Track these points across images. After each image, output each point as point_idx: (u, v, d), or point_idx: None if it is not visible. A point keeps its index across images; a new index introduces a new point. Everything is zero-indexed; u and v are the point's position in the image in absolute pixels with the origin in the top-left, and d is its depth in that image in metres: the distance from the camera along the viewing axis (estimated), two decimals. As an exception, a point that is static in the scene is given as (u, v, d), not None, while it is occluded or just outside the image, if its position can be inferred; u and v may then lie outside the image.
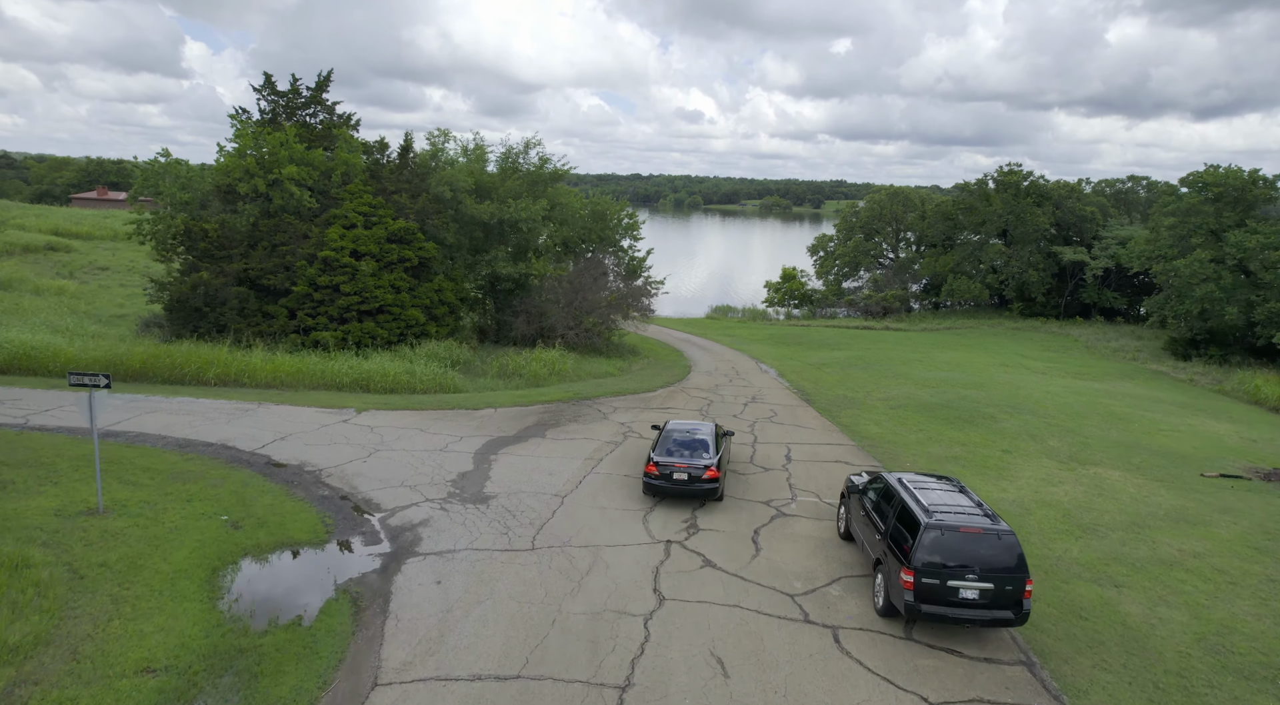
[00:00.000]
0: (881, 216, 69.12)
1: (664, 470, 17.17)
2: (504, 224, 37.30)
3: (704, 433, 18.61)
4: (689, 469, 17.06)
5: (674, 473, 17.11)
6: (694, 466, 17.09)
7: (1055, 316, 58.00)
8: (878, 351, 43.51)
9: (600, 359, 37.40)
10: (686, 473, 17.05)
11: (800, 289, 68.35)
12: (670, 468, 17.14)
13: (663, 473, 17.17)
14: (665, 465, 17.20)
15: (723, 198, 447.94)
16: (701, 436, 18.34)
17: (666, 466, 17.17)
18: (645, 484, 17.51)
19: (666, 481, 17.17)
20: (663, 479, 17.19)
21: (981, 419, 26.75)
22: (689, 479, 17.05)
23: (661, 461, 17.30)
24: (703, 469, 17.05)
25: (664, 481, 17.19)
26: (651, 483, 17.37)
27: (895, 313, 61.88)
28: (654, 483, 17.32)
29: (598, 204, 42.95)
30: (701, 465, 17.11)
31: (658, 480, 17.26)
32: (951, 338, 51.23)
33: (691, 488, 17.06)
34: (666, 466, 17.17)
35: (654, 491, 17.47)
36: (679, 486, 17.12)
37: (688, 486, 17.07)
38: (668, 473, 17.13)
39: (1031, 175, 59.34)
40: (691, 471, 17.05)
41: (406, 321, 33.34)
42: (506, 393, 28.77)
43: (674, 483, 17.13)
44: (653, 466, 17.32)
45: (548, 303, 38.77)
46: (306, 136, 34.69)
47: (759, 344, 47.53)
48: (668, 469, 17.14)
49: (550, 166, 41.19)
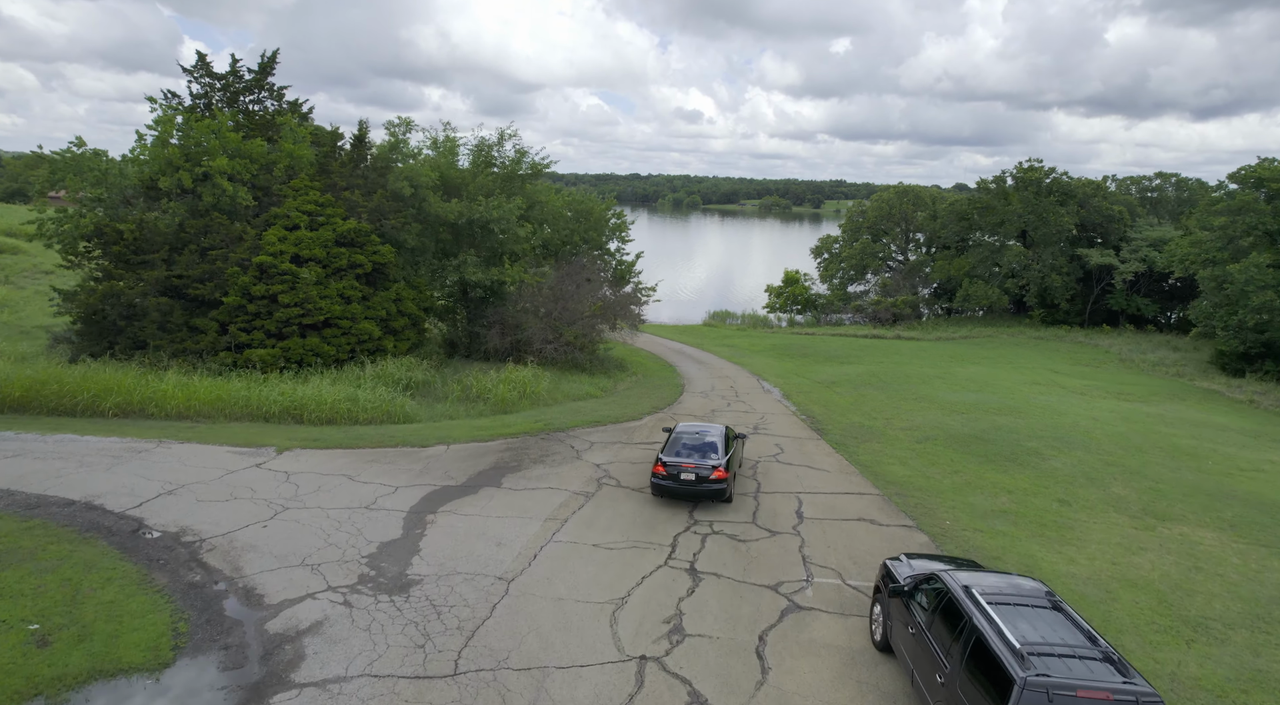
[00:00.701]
0: (890, 216, 64.96)
1: (672, 470, 17.07)
2: (474, 224, 33.13)
3: (713, 435, 18.39)
4: (697, 469, 16.96)
5: (681, 473, 17.01)
6: (702, 467, 16.99)
7: (1079, 324, 53.86)
8: (892, 366, 39.36)
9: (581, 377, 33.24)
10: (694, 473, 16.94)
11: (803, 294, 64.21)
12: (678, 468, 17.04)
13: (670, 472, 17.07)
14: (673, 465, 17.10)
15: (722, 198, 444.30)
16: (711, 439, 18.13)
17: (674, 466, 17.08)
18: (653, 485, 17.36)
19: (674, 481, 17.06)
20: (670, 479, 17.09)
21: (1025, 456, 22.60)
22: (696, 479, 16.93)
23: (670, 461, 17.19)
24: (710, 469, 16.95)
25: (671, 482, 17.08)
26: (659, 483, 17.25)
27: (906, 320, 57.76)
28: (662, 483, 17.21)
29: (581, 202, 38.76)
30: (709, 465, 17.01)
31: (665, 480, 17.14)
32: (970, 349, 47.07)
33: (699, 488, 16.95)
34: (674, 466, 17.08)
35: (661, 492, 17.35)
36: (686, 487, 17.02)
37: (695, 487, 16.96)
38: (675, 472, 17.04)
39: (1054, 172, 55.19)
40: (699, 471, 16.94)
41: (358, 336, 29.16)
42: (465, 423, 24.59)
43: (681, 483, 17.02)
44: (660, 467, 17.20)
45: (524, 313, 34.62)
46: (248, 125, 30.49)
47: (760, 356, 43.38)
48: (675, 469, 17.05)
49: (528, 160, 37.02)
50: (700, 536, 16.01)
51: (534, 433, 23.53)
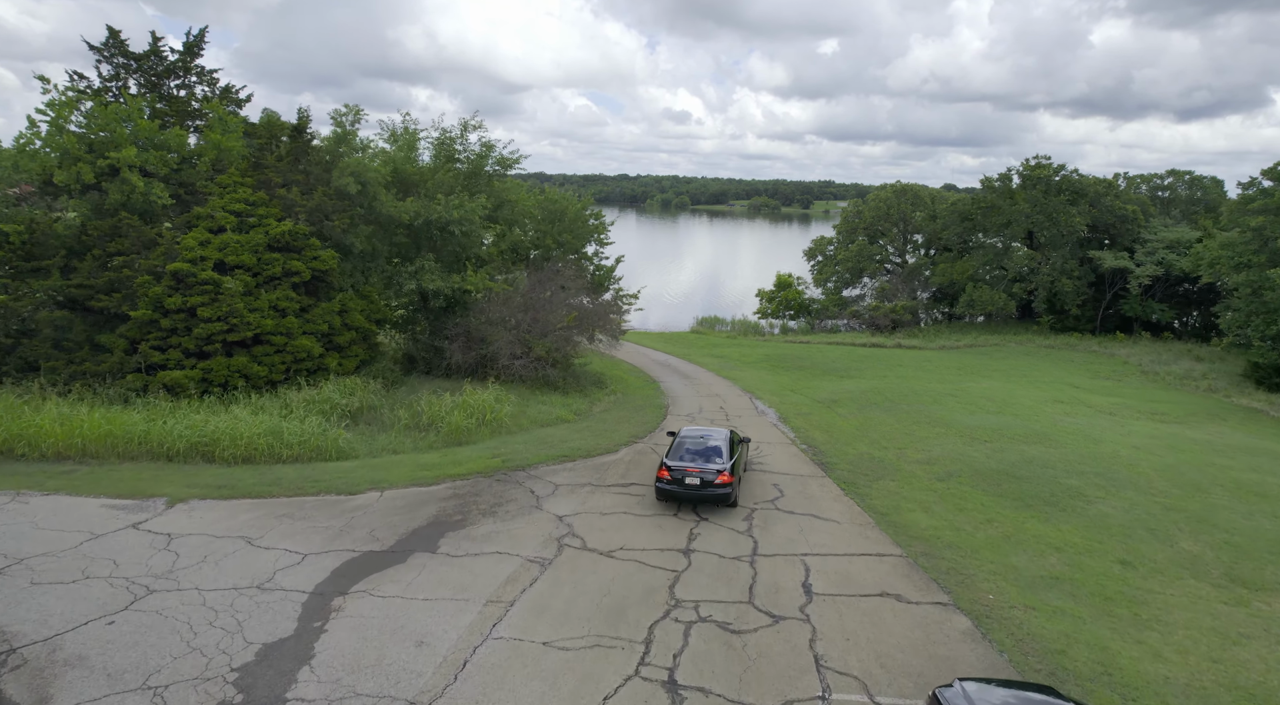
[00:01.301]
0: (887, 216, 61.64)
1: (676, 475, 17.02)
2: (431, 226, 29.48)
3: (718, 439, 18.40)
4: (701, 473, 16.93)
5: (686, 477, 16.95)
6: (706, 471, 16.96)
7: (1091, 331, 50.67)
8: (897, 380, 35.96)
9: (553, 397, 29.64)
10: (699, 477, 16.92)
11: (797, 298, 60.81)
12: (683, 472, 16.98)
13: (675, 477, 17.02)
14: (678, 469, 17.04)
15: (710, 198, 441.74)
16: (715, 443, 18.13)
17: (679, 471, 17.01)
18: (657, 489, 17.32)
19: (679, 486, 17.01)
20: (675, 483, 17.03)
21: (1066, 498, 19.19)
22: (701, 483, 16.91)
23: (674, 466, 17.15)
24: (715, 473, 16.92)
25: (676, 486, 17.03)
26: (664, 488, 17.16)
27: (906, 326, 54.45)
28: (666, 488, 17.12)
29: (554, 201, 35.16)
30: (714, 470, 16.98)
31: (670, 485, 17.08)
32: (978, 359, 43.76)
33: (704, 492, 16.93)
34: (679, 471, 17.01)
35: (666, 497, 17.31)
36: (691, 491, 16.97)
37: (700, 491, 16.95)
38: (680, 477, 16.99)
39: (1063, 169, 51.94)
40: (704, 476, 16.91)
41: (294, 354, 25.46)
42: (409, 459, 20.95)
43: (686, 487, 16.97)
44: (665, 471, 17.16)
45: (489, 324, 31.00)
46: (169, 113, 26.73)
47: (752, 368, 39.90)
48: (680, 473, 16.99)
49: (496, 155, 33.39)
50: (683, 626, 12.48)
51: (489, 472, 19.92)
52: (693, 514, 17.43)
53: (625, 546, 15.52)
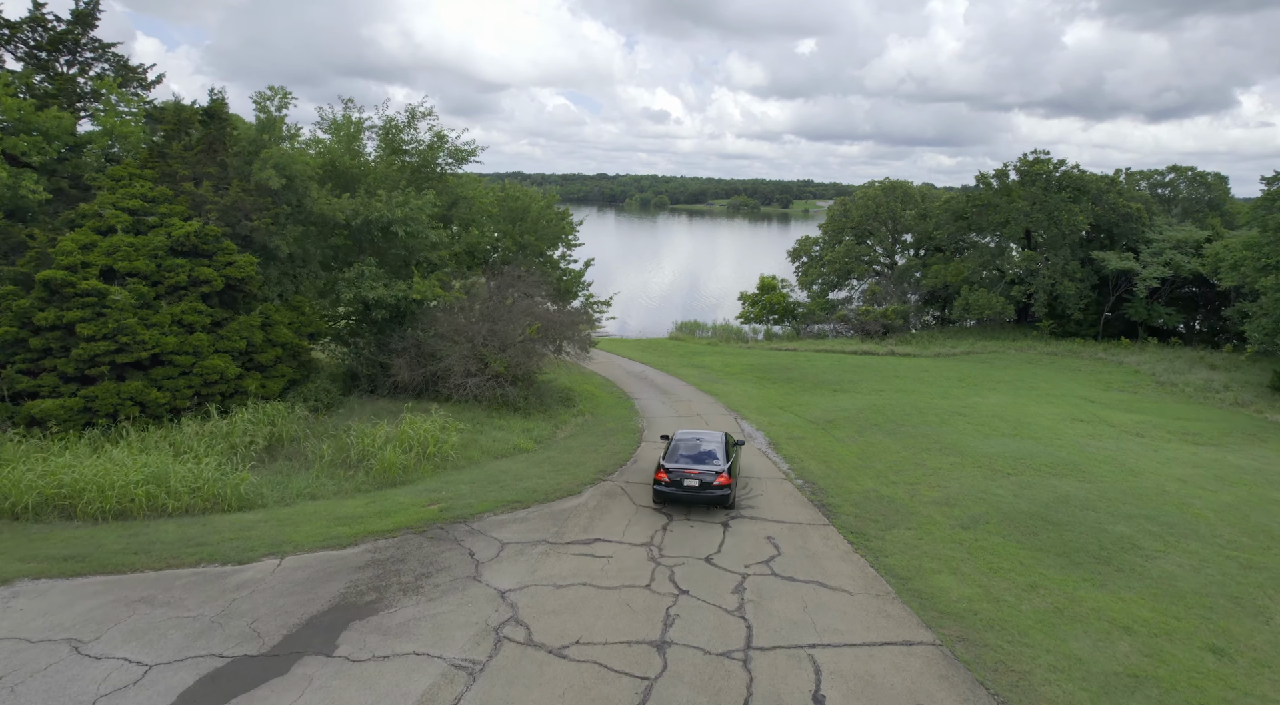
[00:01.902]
0: (876, 214, 58.52)
1: (674, 476, 16.94)
2: (372, 226, 25.76)
3: (714, 442, 18.47)
4: (700, 475, 16.89)
5: (685, 479, 16.90)
6: (705, 473, 16.93)
7: (1094, 337, 47.80)
8: (896, 395, 32.71)
9: (512, 420, 26.05)
10: (698, 479, 16.87)
11: (782, 302, 57.53)
12: (681, 474, 16.93)
13: (673, 479, 16.94)
14: (676, 472, 16.98)
15: (689, 197, 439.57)
16: (711, 446, 18.18)
17: (677, 473, 16.96)
18: (655, 492, 17.19)
19: (677, 488, 16.93)
20: (673, 485, 16.95)
21: (1119, 551, 15.94)
22: (700, 485, 16.86)
23: (672, 468, 17.08)
24: (714, 474, 16.93)
25: (674, 488, 16.94)
26: (662, 490, 17.06)
27: (898, 331, 51.34)
28: (665, 490, 17.03)
29: (516, 198, 31.51)
30: (713, 471, 16.99)
31: (668, 487, 16.99)
32: (979, 368, 40.65)
33: (702, 494, 16.86)
34: (677, 473, 16.96)
35: (664, 499, 17.20)
36: (690, 493, 16.90)
37: (699, 493, 16.88)
38: (678, 479, 16.93)
39: (1063, 164, 49.08)
40: (703, 478, 16.87)
41: (205, 376, 21.66)
42: (326, 509, 17.27)
43: (685, 489, 16.90)
44: (663, 473, 17.06)
45: (440, 338, 27.34)
46: (55, 92, 22.78)
47: (736, 381, 36.51)
48: (678, 475, 16.94)
49: (449, 146, 29.68)
50: (655, 781, 8.98)
51: (421, 526, 16.31)
52: (670, 584, 13.95)
53: (583, 638, 12.02)
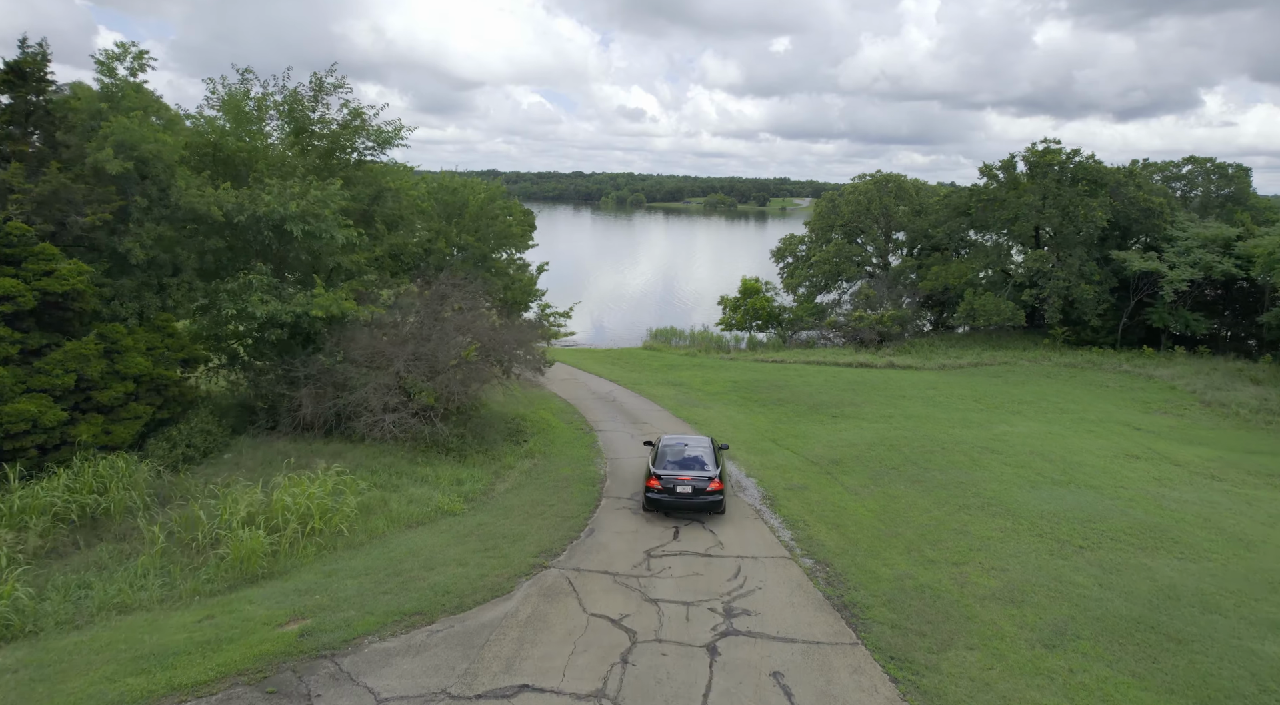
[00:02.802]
0: (868, 211, 53.71)
1: (667, 484, 16.72)
2: (261, 224, 20.34)
3: (701, 447, 18.25)
4: (693, 481, 16.70)
5: (678, 485, 16.69)
6: (699, 479, 16.75)
7: (1111, 345, 43.30)
8: (907, 421, 27.78)
9: (441, 467, 20.76)
10: (691, 485, 16.68)
11: (766, 307, 52.57)
12: (674, 480, 16.71)
13: (666, 486, 16.72)
14: (669, 478, 16.74)
15: (666, 195, 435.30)
16: (699, 452, 17.94)
17: (670, 480, 16.73)
18: (648, 499, 17.00)
19: (670, 495, 16.71)
20: (666, 493, 16.72)
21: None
22: (694, 491, 16.66)
23: (665, 475, 16.82)
24: (707, 480, 16.76)
25: (667, 495, 16.71)
26: (655, 498, 16.81)
27: (894, 339, 46.54)
28: (657, 497, 16.79)
29: (451, 189, 26.17)
30: (706, 477, 16.81)
31: (661, 494, 16.75)
32: (991, 383, 35.90)
33: (696, 500, 16.64)
34: (670, 480, 16.73)
35: (658, 507, 16.92)
36: (683, 500, 16.67)
37: (693, 499, 16.65)
38: (671, 486, 16.70)
39: (1077, 154, 44.50)
40: (696, 484, 16.69)
41: (7, 426, 16.16)
42: (126, 637, 11.88)
43: (678, 496, 16.68)
44: (655, 480, 16.80)
45: (352, 363, 22.00)
46: None
47: (718, 403, 31.44)
48: (671, 482, 16.71)
49: (371, 126, 24.25)
50: None
51: (264, 667, 11.00)
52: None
53: None
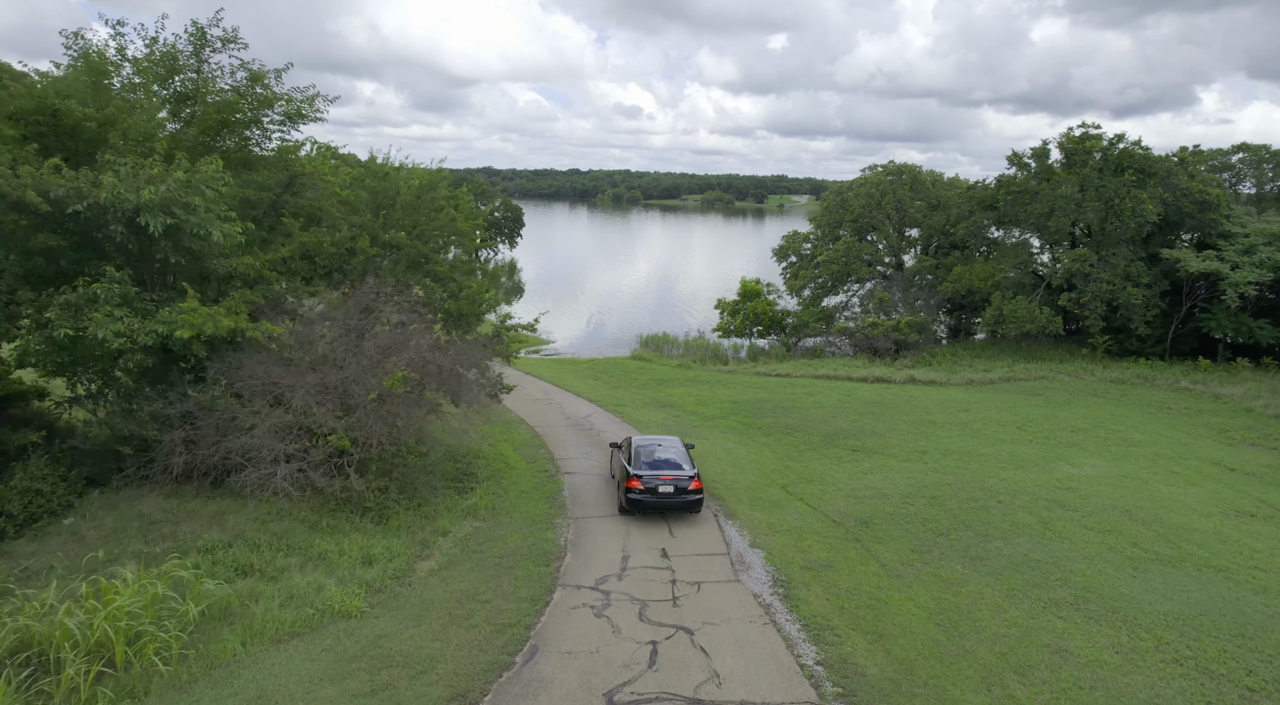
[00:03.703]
0: (880, 206, 48.62)
1: (649, 484, 16.68)
2: (107, 217, 15.25)
3: (675, 447, 18.19)
4: (675, 481, 16.77)
5: (660, 485, 16.71)
6: (679, 478, 16.83)
7: (1160, 356, 38.30)
8: (945, 456, 22.73)
9: (353, 534, 15.71)
10: (673, 484, 16.74)
11: (768, 312, 47.51)
12: (656, 480, 16.71)
13: (648, 486, 16.69)
14: (650, 479, 16.71)
15: (663, 193, 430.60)
16: (673, 453, 17.85)
17: (651, 479, 16.71)
18: (629, 500, 16.81)
19: (652, 495, 16.69)
20: (648, 493, 16.69)
21: None
22: (675, 490, 16.74)
23: (646, 475, 16.77)
24: (688, 479, 16.88)
25: (649, 495, 16.69)
26: (636, 498, 16.72)
27: (912, 349, 41.47)
28: (639, 498, 16.71)
29: (383, 176, 21.10)
30: (687, 476, 16.92)
31: (643, 495, 16.69)
32: (1031, 404, 30.82)
33: (678, 499, 16.74)
34: (651, 479, 16.71)
35: (640, 508, 16.84)
36: (664, 500, 16.71)
37: (674, 499, 16.73)
38: (653, 486, 16.69)
39: (1121, 140, 39.30)
40: (678, 483, 16.77)
41: None
42: None
43: (660, 496, 16.70)
44: (636, 481, 16.72)
45: (239, 401, 16.95)
46: None
47: (716, 431, 26.41)
48: (653, 481, 16.70)
49: (273, 93, 19.12)
50: None
51: None
52: None
53: None
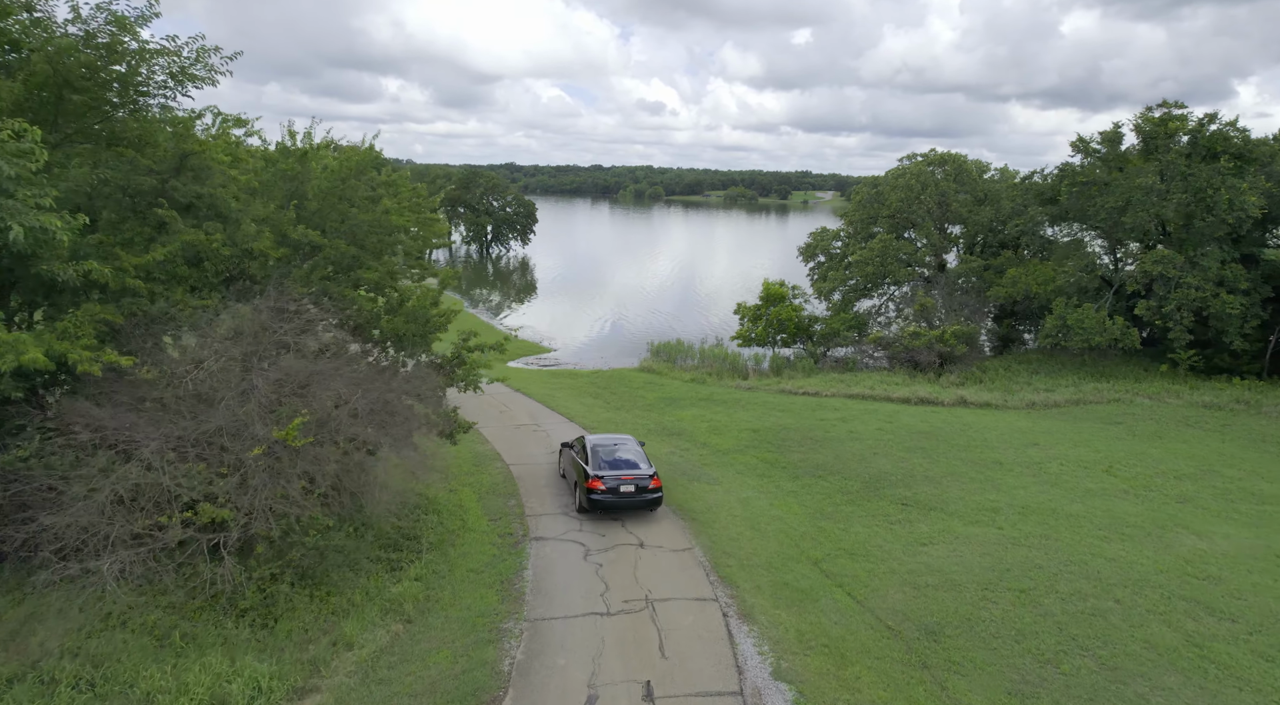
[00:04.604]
0: (919, 199, 43.27)
1: (610, 484, 16.58)
2: None
3: (631, 445, 18.19)
4: (635, 480, 16.73)
5: (621, 485, 16.62)
6: (640, 477, 16.82)
7: (1257, 374, 32.73)
8: (1023, 516, 17.55)
9: (214, 653, 10.91)
10: (634, 484, 16.70)
11: (793, 318, 42.32)
12: (617, 480, 16.61)
13: (610, 486, 16.58)
14: (611, 479, 16.61)
15: (685, 189, 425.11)
16: (631, 452, 17.85)
17: (613, 479, 16.61)
18: (591, 502, 16.65)
19: (614, 495, 16.60)
20: (610, 493, 16.58)
21: None
22: (636, 490, 16.70)
23: (607, 475, 16.67)
24: (648, 478, 16.88)
25: (611, 495, 16.59)
26: (598, 498, 16.60)
27: (960, 363, 36.17)
28: (601, 498, 16.59)
29: (300, 156, 16.32)
30: (646, 475, 16.92)
31: (605, 495, 16.58)
32: (1113, 436, 25.49)
33: (639, 498, 16.72)
34: (613, 479, 16.61)
35: (602, 508, 16.73)
36: (625, 499, 16.66)
37: (636, 498, 16.70)
38: (615, 486, 16.59)
39: (1213, 120, 33.70)
40: (638, 482, 16.74)
41: None
42: None
43: (621, 495, 16.63)
44: (597, 481, 16.61)
45: (60, 458, 12.23)
46: None
47: (732, 471, 21.42)
48: (614, 481, 16.60)
49: (144, 45, 14.39)
50: None
51: None
52: None
53: None
